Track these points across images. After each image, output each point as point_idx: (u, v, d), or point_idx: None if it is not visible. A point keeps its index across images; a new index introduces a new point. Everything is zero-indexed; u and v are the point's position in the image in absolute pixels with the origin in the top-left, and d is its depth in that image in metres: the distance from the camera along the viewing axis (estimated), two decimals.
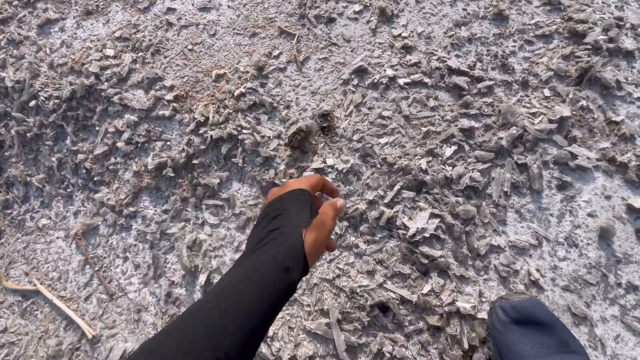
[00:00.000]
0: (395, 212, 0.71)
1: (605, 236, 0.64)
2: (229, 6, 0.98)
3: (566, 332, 0.54)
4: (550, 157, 0.70)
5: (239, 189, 0.81)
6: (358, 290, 0.67)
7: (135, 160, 0.90)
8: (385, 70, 0.83)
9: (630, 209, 0.65)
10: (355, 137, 0.79)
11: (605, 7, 0.84)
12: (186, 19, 0.99)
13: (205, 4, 0.99)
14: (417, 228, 0.67)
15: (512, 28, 0.83)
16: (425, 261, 0.65)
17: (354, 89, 0.84)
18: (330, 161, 0.77)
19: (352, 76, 0.85)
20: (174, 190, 0.85)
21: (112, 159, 0.92)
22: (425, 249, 0.66)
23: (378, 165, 0.76)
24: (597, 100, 0.74)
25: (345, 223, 0.73)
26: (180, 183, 0.85)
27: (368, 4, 0.91)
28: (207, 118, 0.85)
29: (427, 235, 0.67)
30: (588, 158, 0.68)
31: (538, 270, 0.64)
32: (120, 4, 1.06)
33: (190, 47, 0.96)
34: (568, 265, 0.64)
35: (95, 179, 0.92)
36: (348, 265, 0.70)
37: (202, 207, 0.82)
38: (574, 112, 0.72)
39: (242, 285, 0.32)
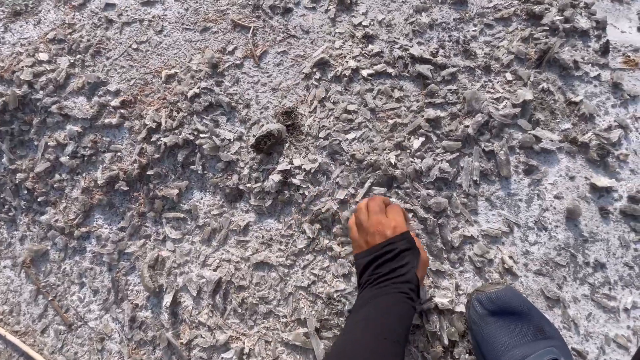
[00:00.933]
0: None
1: (572, 217, 0.64)
2: None
3: (541, 318, 0.54)
4: (515, 142, 0.69)
5: (201, 199, 0.75)
6: (335, 296, 0.65)
7: (83, 175, 0.82)
8: (347, 61, 0.80)
9: (594, 188, 0.66)
10: (322, 135, 0.75)
11: None
12: (128, 15, 0.90)
13: None
14: None
15: (472, 12, 0.81)
16: None
17: (317, 83, 0.79)
18: (297, 162, 0.73)
19: (314, 69, 0.80)
20: (129, 205, 0.78)
21: (57, 176, 0.83)
22: None
23: (347, 163, 0.73)
24: (557, 81, 0.74)
25: (318, 226, 0.70)
26: (135, 197, 0.78)
27: None
28: (160, 123, 0.78)
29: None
30: (551, 140, 0.68)
31: (511, 257, 0.63)
32: (52, 1, 0.95)
33: (135, 46, 0.87)
34: (539, 249, 0.64)
35: (39, 199, 0.83)
36: (323, 270, 0.67)
37: (162, 221, 0.76)
38: (536, 95, 0.72)
39: (386, 316, 0.43)
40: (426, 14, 0.82)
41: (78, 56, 0.88)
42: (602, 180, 0.66)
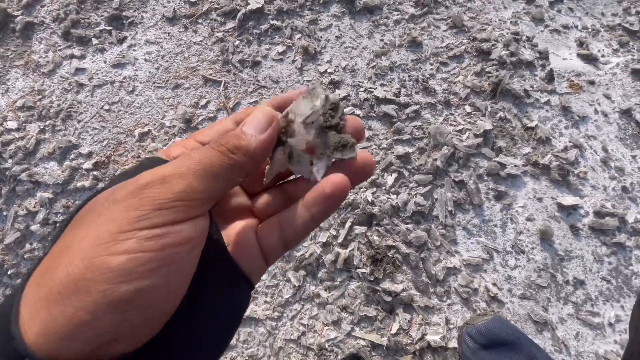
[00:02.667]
0: (350, 251, 0.68)
1: (545, 237, 0.67)
2: (145, 60, 0.93)
3: (532, 345, 0.55)
4: (482, 169, 0.73)
5: None
6: (326, 346, 0.63)
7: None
8: None
9: (561, 206, 0.70)
10: None
11: (502, 24, 0.93)
12: (99, 78, 0.92)
13: (119, 60, 0.93)
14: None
15: (427, 52, 0.88)
16: (389, 298, 0.63)
17: None
18: None
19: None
20: None
21: (27, 246, 0.79)
22: (386, 284, 0.64)
23: None
24: (512, 109, 0.79)
25: (303, 272, 0.69)
26: None
27: (290, 44, 0.92)
28: None
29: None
30: (515, 165, 0.72)
31: (495, 284, 0.64)
32: (21, 69, 0.95)
33: (106, 107, 0.88)
34: (520, 272, 0.65)
35: (9, 272, 0.78)
36: (312, 318, 0.66)
37: None
38: (495, 124, 0.77)
39: None
40: (385, 57, 0.88)
41: (48, 121, 0.87)
42: (567, 199, 0.69)
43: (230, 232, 0.20)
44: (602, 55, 0.89)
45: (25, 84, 0.93)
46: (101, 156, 0.83)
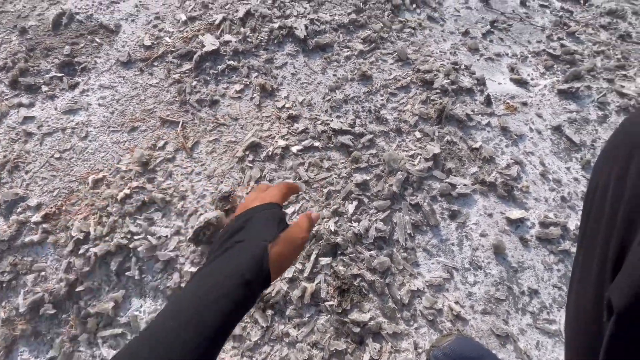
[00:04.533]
0: (317, 284, 0.68)
1: (498, 252, 0.71)
2: (99, 104, 0.92)
3: (495, 359, 0.56)
4: (435, 191, 0.77)
5: (141, 307, 0.70)
6: None
7: (2, 304, 0.72)
8: (277, 141, 0.85)
9: (509, 220, 0.74)
10: None
11: (443, 55, 1.02)
12: (49, 126, 0.89)
13: (71, 107, 0.91)
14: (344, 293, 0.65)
15: (377, 84, 0.94)
16: (358, 329, 0.63)
17: (251, 165, 0.83)
18: None
19: (247, 152, 0.84)
20: (58, 330, 0.70)
21: None
22: (354, 315, 0.64)
23: None
24: (458, 132, 0.86)
25: (270, 312, 0.67)
26: (65, 319, 0.70)
27: (248, 83, 0.95)
28: (88, 233, 0.74)
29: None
30: (465, 185, 0.77)
31: (457, 302, 0.66)
32: None
33: (57, 155, 0.85)
34: (479, 288, 0.68)
35: None
36: None
37: (97, 341, 0.68)
38: (443, 147, 0.82)
39: (202, 300, 0.32)
40: (339, 91, 0.93)
41: None
42: (514, 213, 0.74)
43: None
44: (532, 79, 1.00)
45: None
46: (51, 207, 0.79)
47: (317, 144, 0.84)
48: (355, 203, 0.75)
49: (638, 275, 0.23)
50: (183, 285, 0.70)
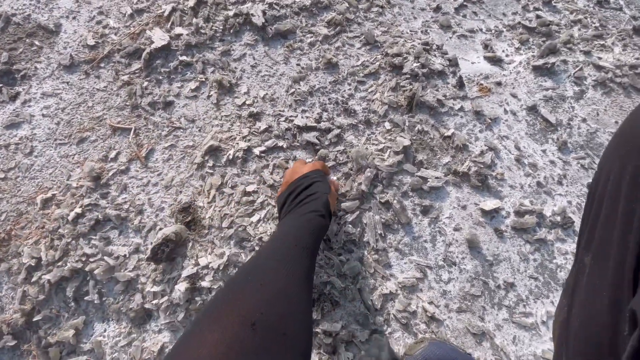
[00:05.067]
0: None
1: (473, 245, 0.68)
2: (43, 115, 0.84)
3: None
4: (406, 186, 0.73)
5: (104, 331, 0.66)
6: None
7: None
8: (238, 143, 0.80)
9: (484, 212, 0.71)
10: (225, 224, 0.72)
11: (413, 35, 0.96)
12: None
13: (13, 120, 0.84)
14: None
15: (344, 72, 0.88)
16: (329, 340, 0.61)
17: (212, 171, 0.78)
18: (203, 261, 0.69)
19: (206, 157, 0.79)
20: None
21: None
22: (325, 326, 0.62)
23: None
24: (429, 120, 0.81)
25: None
26: (27, 350, 0.66)
27: (203, 79, 0.88)
28: (40, 258, 0.69)
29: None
30: (436, 177, 0.73)
31: (432, 303, 0.64)
32: None
33: (1, 175, 0.78)
34: (454, 285, 0.66)
35: None
36: None
37: None
38: (414, 138, 0.78)
39: (299, 227, 0.48)
40: (304, 82, 0.87)
41: None
42: (489, 203, 0.71)
43: None
44: (506, 55, 0.94)
45: None
46: (0, 232, 0.73)
47: (281, 143, 0.79)
48: None
49: None
50: (147, 306, 0.66)
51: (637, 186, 0.27)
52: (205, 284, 0.66)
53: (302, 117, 0.81)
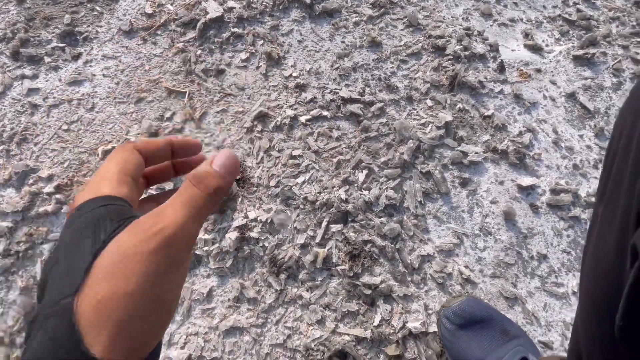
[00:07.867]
0: (329, 249, 0.70)
1: (509, 218, 0.71)
2: (104, 75, 0.90)
3: (504, 320, 0.58)
4: (447, 159, 0.76)
5: None
6: (312, 345, 0.63)
7: (20, 274, 0.74)
8: (285, 111, 0.84)
9: (521, 188, 0.74)
10: (272, 183, 0.77)
11: (455, 21, 0.99)
12: (55, 97, 0.88)
13: (75, 78, 0.90)
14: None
15: (387, 51, 0.91)
16: (369, 291, 0.65)
17: (260, 135, 0.82)
18: (252, 214, 0.73)
19: (255, 122, 0.83)
20: None
21: None
22: (365, 279, 0.66)
23: (301, 206, 0.75)
24: (470, 100, 0.84)
25: (283, 276, 0.69)
26: None
27: (254, 51, 0.92)
28: None
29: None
30: (476, 153, 0.76)
31: (467, 267, 0.67)
32: None
33: (65, 127, 0.84)
34: (489, 253, 0.69)
35: None
36: (297, 320, 0.66)
37: None
38: (455, 115, 0.81)
39: None
40: (348, 58, 0.91)
41: (2, 147, 0.83)
42: (526, 180, 0.74)
43: None
44: (546, 45, 0.96)
45: None
46: (63, 178, 0.79)
47: (325, 113, 0.83)
48: (365, 172, 0.75)
49: None
50: (197, 252, 0.71)
51: None
52: (253, 234, 0.71)
53: (346, 90, 0.85)
